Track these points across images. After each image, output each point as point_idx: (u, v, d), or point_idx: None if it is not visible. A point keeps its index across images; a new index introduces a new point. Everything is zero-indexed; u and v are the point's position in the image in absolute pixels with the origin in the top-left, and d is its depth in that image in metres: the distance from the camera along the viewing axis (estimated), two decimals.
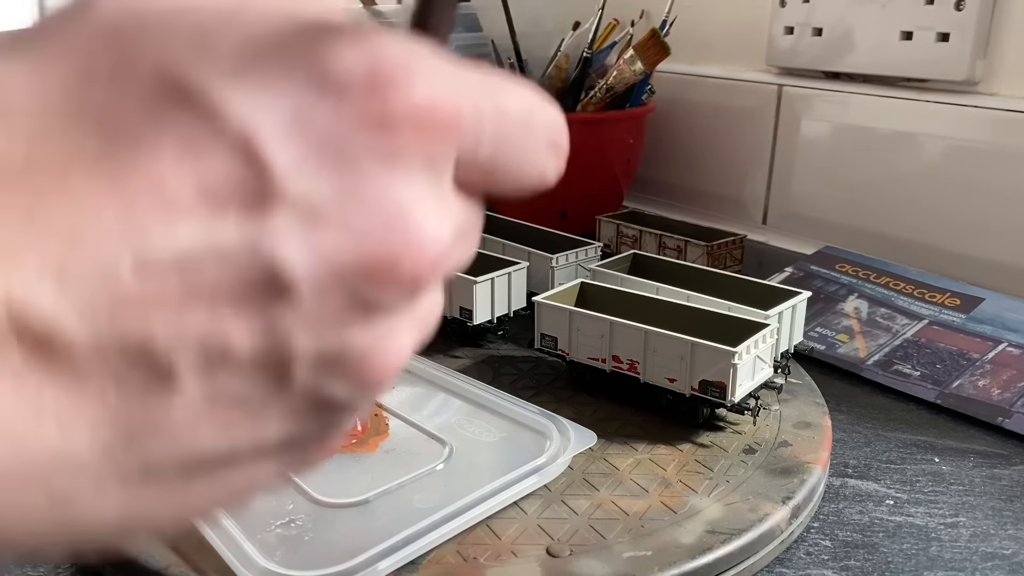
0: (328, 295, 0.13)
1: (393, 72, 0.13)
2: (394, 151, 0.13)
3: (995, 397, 0.42)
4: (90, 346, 0.12)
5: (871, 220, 0.64)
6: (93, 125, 0.12)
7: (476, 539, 0.29)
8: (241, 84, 0.12)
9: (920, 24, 0.59)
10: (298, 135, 0.12)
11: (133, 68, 0.12)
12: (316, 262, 0.13)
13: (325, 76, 0.13)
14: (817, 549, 0.32)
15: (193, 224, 0.12)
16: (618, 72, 0.66)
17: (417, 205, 0.13)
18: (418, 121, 0.13)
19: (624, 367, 0.38)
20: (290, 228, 0.12)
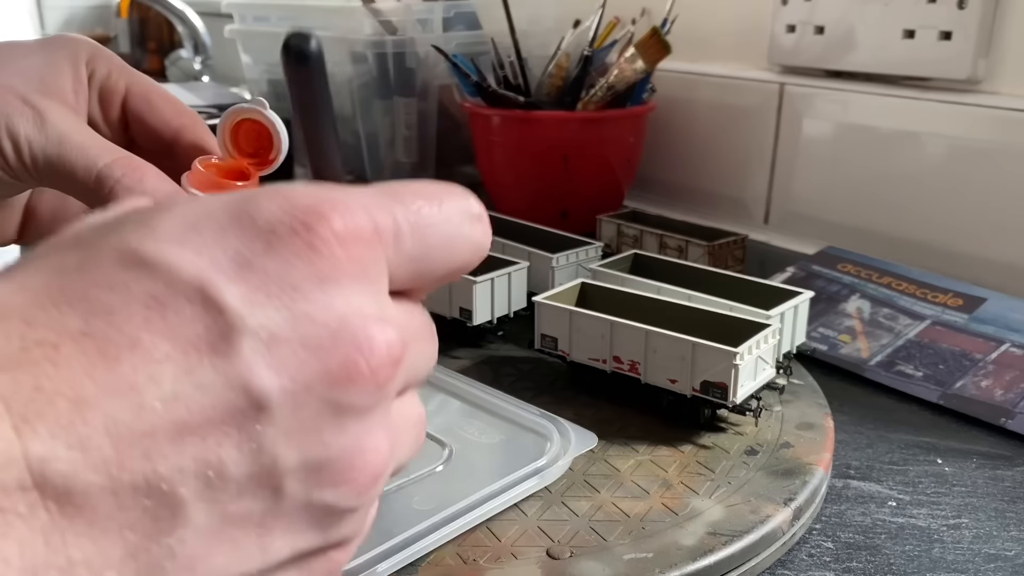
0: (301, 406, 0.15)
1: (311, 211, 0.15)
2: (327, 272, 0.15)
3: (998, 398, 0.42)
4: (105, 492, 0.13)
5: (873, 220, 0.64)
6: (70, 307, 0.14)
7: (476, 541, 0.29)
8: (185, 245, 0.15)
9: (922, 23, 0.58)
10: (243, 275, 0.15)
11: (95, 257, 0.15)
12: (284, 378, 0.14)
13: (255, 225, 0.15)
14: (819, 551, 0.32)
15: (171, 369, 0.14)
16: (619, 71, 0.66)
17: (358, 315, 0.15)
18: (340, 241, 0.15)
19: (625, 368, 0.38)
20: (254, 355, 0.14)
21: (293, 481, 0.15)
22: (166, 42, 1.40)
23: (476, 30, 0.79)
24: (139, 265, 0.14)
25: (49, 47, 0.30)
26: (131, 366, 0.13)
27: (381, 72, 0.78)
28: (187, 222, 0.15)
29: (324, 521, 0.16)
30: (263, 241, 0.15)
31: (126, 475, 0.13)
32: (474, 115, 0.71)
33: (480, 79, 0.69)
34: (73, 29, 1.47)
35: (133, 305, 0.14)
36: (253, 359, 0.14)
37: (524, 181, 0.71)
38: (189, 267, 0.14)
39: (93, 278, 0.14)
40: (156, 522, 0.13)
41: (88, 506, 0.13)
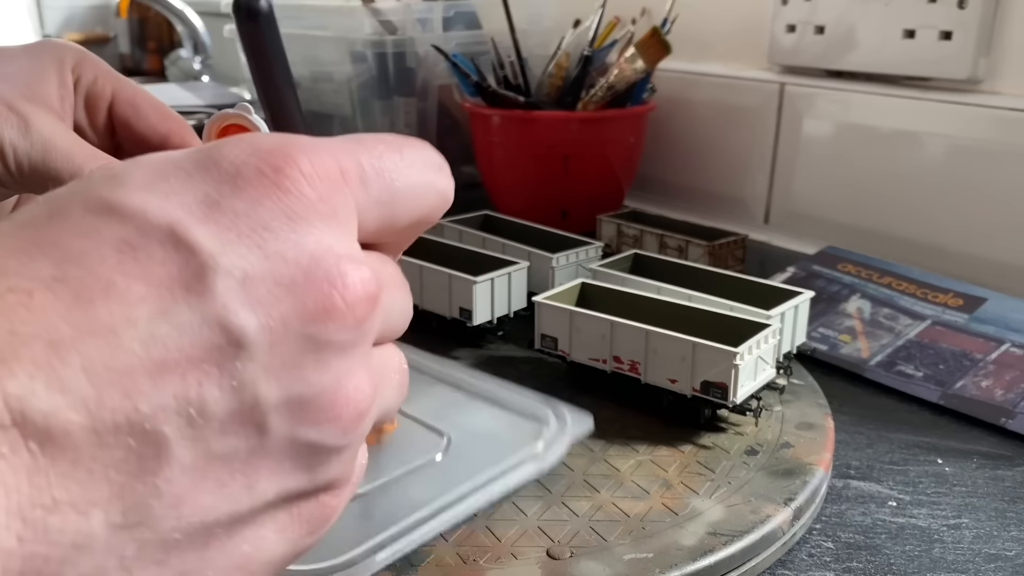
0: (280, 342, 0.15)
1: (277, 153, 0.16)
2: (297, 210, 0.15)
3: (998, 398, 0.42)
4: (86, 431, 0.13)
5: (874, 219, 0.64)
6: (42, 254, 0.14)
7: (476, 540, 0.29)
8: (153, 191, 0.15)
9: (923, 22, 0.58)
10: (212, 216, 0.15)
11: (65, 207, 0.15)
12: (260, 314, 0.15)
13: (221, 169, 0.15)
14: (819, 551, 0.32)
15: (147, 308, 0.14)
16: (619, 70, 0.65)
17: (329, 252, 0.15)
18: (308, 180, 0.16)
19: (625, 368, 0.38)
20: (229, 292, 0.14)
21: (276, 418, 0.15)
22: (166, 42, 1.40)
23: (476, 30, 0.79)
24: (109, 212, 0.14)
25: (35, 52, 0.30)
26: (106, 308, 0.13)
27: (381, 72, 0.78)
28: (154, 171, 0.15)
29: (310, 460, 0.16)
30: (230, 183, 0.15)
31: (107, 414, 0.13)
32: (474, 115, 0.71)
33: (480, 79, 0.69)
34: (73, 29, 1.47)
35: (105, 249, 0.14)
36: (228, 297, 0.14)
37: (524, 181, 0.71)
38: (158, 211, 0.14)
39: (64, 226, 0.14)
40: (140, 461, 0.13)
41: (70, 445, 0.13)
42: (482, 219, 0.57)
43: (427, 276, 0.46)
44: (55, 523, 0.13)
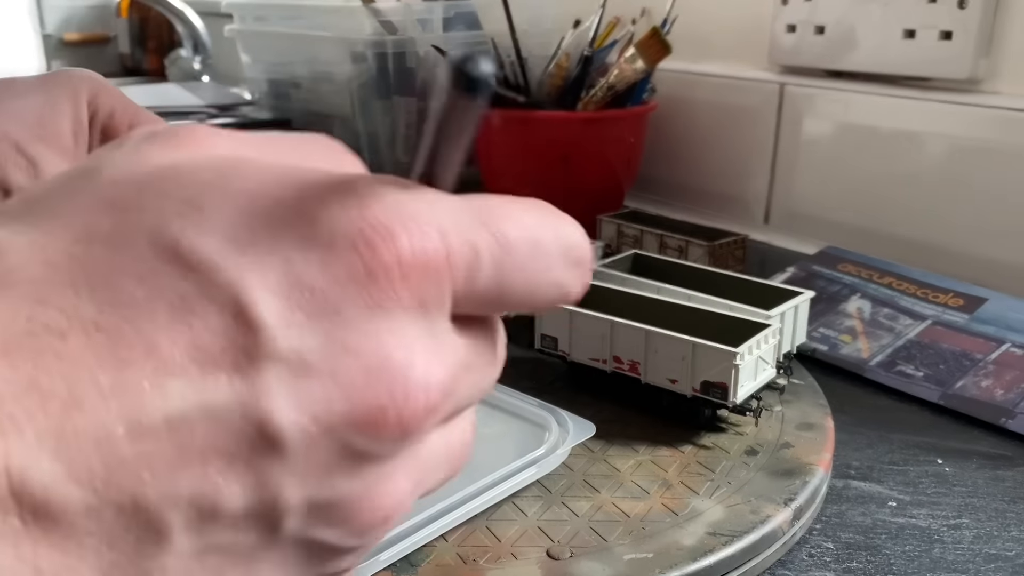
0: (317, 448, 0.13)
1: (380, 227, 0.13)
2: (380, 301, 0.13)
3: (998, 398, 0.42)
4: (85, 509, 0.12)
5: (874, 219, 0.64)
6: (90, 290, 0.12)
7: (476, 541, 0.29)
8: (232, 245, 0.13)
9: (923, 22, 0.58)
10: (287, 292, 0.13)
11: (129, 233, 0.13)
12: (305, 416, 0.13)
13: (314, 235, 0.13)
14: (819, 551, 0.32)
15: (185, 385, 0.12)
16: (619, 70, 0.65)
17: (403, 353, 0.13)
18: (403, 269, 0.13)
19: (625, 368, 0.38)
20: (279, 384, 0.13)
21: (293, 520, 0.14)
22: (166, 42, 1.40)
23: (476, 30, 0.79)
24: (176, 257, 0.13)
25: (49, 85, 0.29)
26: (140, 373, 0.12)
27: (381, 72, 0.78)
28: (241, 213, 0.13)
29: (320, 557, 0.15)
30: (319, 257, 0.13)
31: (112, 494, 0.12)
32: None
33: None
34: (72, 29, 1.47)
35: (158, 303, 0.12)
36: (276, 387, 0.13)
37: (524, 181, 0.71)
38: (231, 271, 0.13)
39: (121, 261, 0.13)
40: (137, 544, 0.12)
41: (66, 520, 0.12)
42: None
43: None
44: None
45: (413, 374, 0.14)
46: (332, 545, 0.15)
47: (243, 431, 0.13)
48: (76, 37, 1.45)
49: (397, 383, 0.13)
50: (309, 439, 0.13)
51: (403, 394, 0.13)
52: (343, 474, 0.14)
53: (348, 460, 0.14)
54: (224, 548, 0.13)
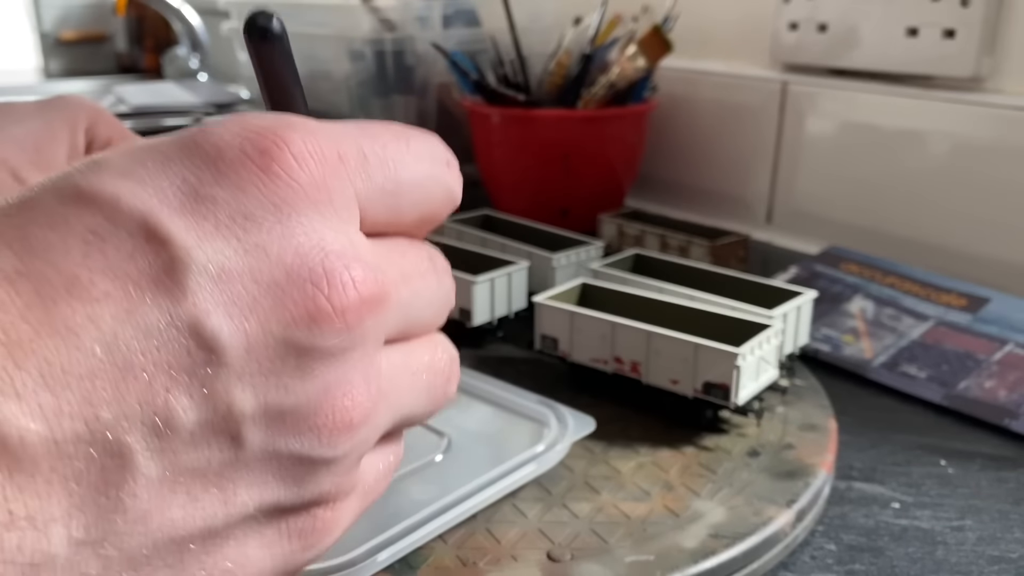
0: (257, 349, 0.13)
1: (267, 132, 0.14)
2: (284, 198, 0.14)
3: (1002, 399, 0.42)
4: (44, 440, 0.12)
5: (877, 219, 0.63)
6: (7, 246, 0.13)
7: (476, 543, 0.29)
8: (128, 176, 0.14)
9: (926, 20, 0.58)
10: (189, 206, 0.14)
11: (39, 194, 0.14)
12: (235, 319, 0.13)
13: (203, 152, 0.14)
14: (822, 553, 0.32)
15: (112, 309, 0.13)
16: (620, 68, 0.65)
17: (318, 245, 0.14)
18: (300, 163, 0.14)
19: (626, 368, 0.38)
20: (203, 293, 0.13)
21: (253, 429, 0.14)
22: (163, 40, 1.40)
23: (476, 27, 0.79)
24: (79, 199, 0.13)
25: (47, 111, 0.29)
26: (68, 306, 0.12)
27: (380, 70, 0.77)
28: (133, 156, 0.14)
29: (295, 472, 0.15)
30: (211, 167, 0.14)
31: (66, 421, 0.12)
32: (474, 113, 0.71)
33: (480, 77, 0.68)
34: (70, 27, 1.46)
35: (71, 240, 0.13)
36: (201, 296, 0.13)
37: (524, 180, 0.70)
38: (130, 198, 0.13)
39: (33, 216, 0.13)
40: (103, 473, 0.12)
41: (27, 456, 0.12)
42: (482, 218, 0.57)
43: None
44: (11, 540, 0.12)
45: (333, 263, 0.14)
46: (304, 456, 0.15)
47: (178, 343, 0.13)
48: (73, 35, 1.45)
49: (319, 273, 0.14)
50: (246, 341, 0.13)
51: (328, 283, 0.14)
52: (293, 374, 0.14)
53: (294, 359, 0.14)
54: (193, 469, 0.13)
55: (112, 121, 0.31)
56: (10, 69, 1.42)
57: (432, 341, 0.18)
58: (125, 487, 0.13)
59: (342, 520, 0.17)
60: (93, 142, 0.30)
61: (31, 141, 0.28)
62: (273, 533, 0.15)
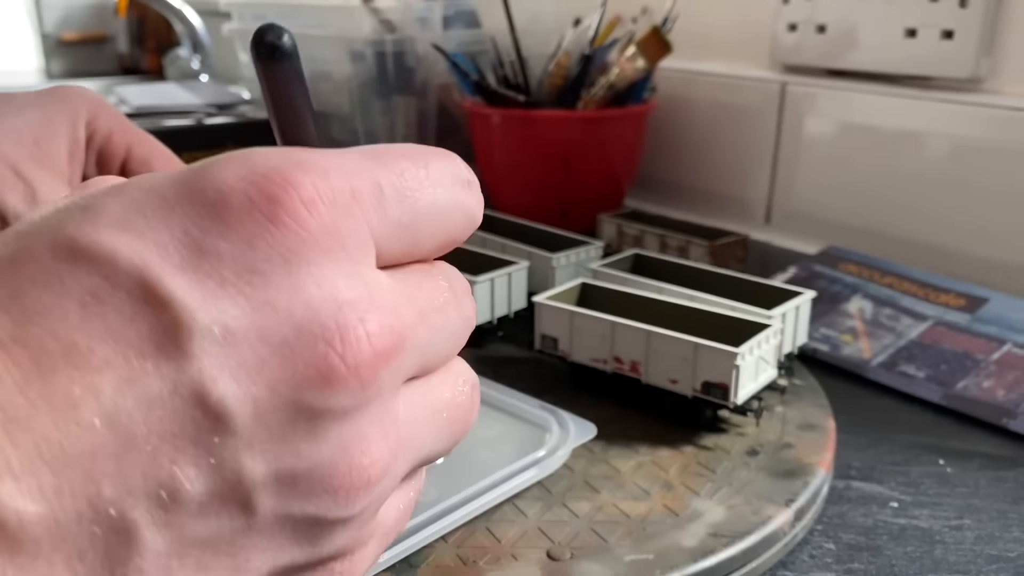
0: (267, 414, 0.13)
1: (273, 175, 0.13)
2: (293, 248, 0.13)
3: (1000, 398, 0.42)
4: (44, 523, 0.11)
5: (875, 219, 0.64)
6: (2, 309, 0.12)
7: (475, 542, 0.29)
8: (126, 229, 0.13)
9: (924, 21, 0.58)
10: (193, 263, 0.13)
11: (31, 248, 0.13)
12: (243, 384, 0.13)
13: (205, 198, 0.13)
14: (821, 552, 0.32)
15: (113, 379, 0.12)
16: (620, 69, 0.65)
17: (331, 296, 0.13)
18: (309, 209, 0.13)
19: (626, 368, 0.38)
20: (208, 358, 0.12)
21: (264, 495, 0.13)
22: (164, 41, 1.40)
23: (476, 29, 0.79)
24: (75, 255, 0.12)
25: (48, 102, 0.28)
26: (67, 377, 0.12)
27: (380, 71, 0.77)
28: (132, 201, 0.13)
29: (310, 534, 0.14)
30: (215, 217, 0.13)
31: (67, 501, 0.12)
32: (474, 114, 0.71)
33: (480, 78, 0.69)
34: (71, 28, 1.46)
35: (68, 303, 0.12)
36: (206, 361, 0.12)
37: (524, 180, 0.70)
38: (129, 255, 0.12)
39: (28, 273, 0.12)
40: (108, 550, 0.12)
41: (28, 538, 0.11)
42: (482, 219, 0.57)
43: None
44: None
45: (347, 317, 0.13)
46: (319, 518, 0.14)
47: (184, 412, 0.12)
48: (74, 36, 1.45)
49: (329, 328, 0.13)
50: (254, 407, 0.13)
51: (342, 339, 0.13)
52: (305, 438, 0.13)
53: (306, 423, 0.13)
54: (202, 540, 0.13)
55: (114, 113, 0.30)
56: (11, 70, 1.42)
57: (452, 373, 0.17)
58: (131, 563, 0.12)
59: (360, 567, 0.16)
60: (94, 135, 0.29)
61: (30, 134, 0.27)
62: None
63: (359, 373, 0.13)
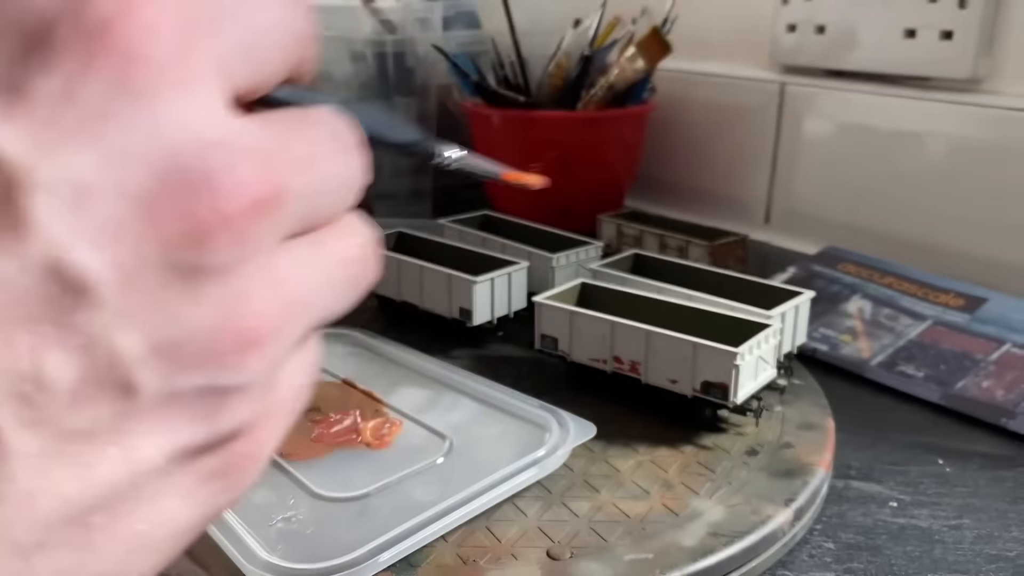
0: (134, 279, 0.11)
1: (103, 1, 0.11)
2: (143, 82, 0.11)
3: (999, 398, 0.42)
4: None
5: (874, 219, 0.64)
6: None
7: (476, 541, 0.29)
8: None
9: (923, 22, 0.58)
10: (19, 106, 0.10)
11: None
12: (104, 247, 0.11)
13: (23, 26, 0.11)
14: (820, 551, 0.32)
15: None
16: (619, 70, 0.65)
17: (195, 136, 0.11)
18: (152, 30, 0.11)
19: (625, 368, 0.38)
20: (58, 221, 0.10)
21: (145, 372, 0.12)
22: None
23: (476, 29, 0.79)
24: None
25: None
26: None
27: (380, 71, 0.77)
28: None
29: (204, 408, 0.13)
30: (40, 50, 0.10)
31: None
32: (474, 115, 0.71)
33: (480, 79, 0.69)
34: None
35: None
36: (56, 227, 0.10)
37: None
38: None
39: None
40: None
41: None
42: (482, 219, 0.57)
43: (427, 276, 0.46)
44: None
45: (212, 159, 0.11)
46: (211, 388, 0.12)
47: (37, 291, 0.11)
48: None
49: (196, 176, 0.11)
50: (120, 273, 0.11)
51: (208, 186, 0.11)
52: (182, 302, 0.12)
53: (181, 285, 0.11)
54: (81, 433, 0.11)
55: None
56: None
57: (341, 227, 0.15)
58: (2, 474, 0.11)
59: (264, 450, 0.15)
60: None
61: None
62: (189, 480, 0.13)
63: (234, 225, 0.12)
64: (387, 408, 0.38)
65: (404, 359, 0.43)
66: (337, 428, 0.36)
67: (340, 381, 0.41)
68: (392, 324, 0.49)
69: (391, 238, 0.51)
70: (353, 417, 0.37)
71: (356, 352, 0.44)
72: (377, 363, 0.43)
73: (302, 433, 0.35)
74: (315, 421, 0.36)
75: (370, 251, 0.15)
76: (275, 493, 0.31)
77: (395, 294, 0.48)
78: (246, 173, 0.12)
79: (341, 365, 0.42)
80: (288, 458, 0.33)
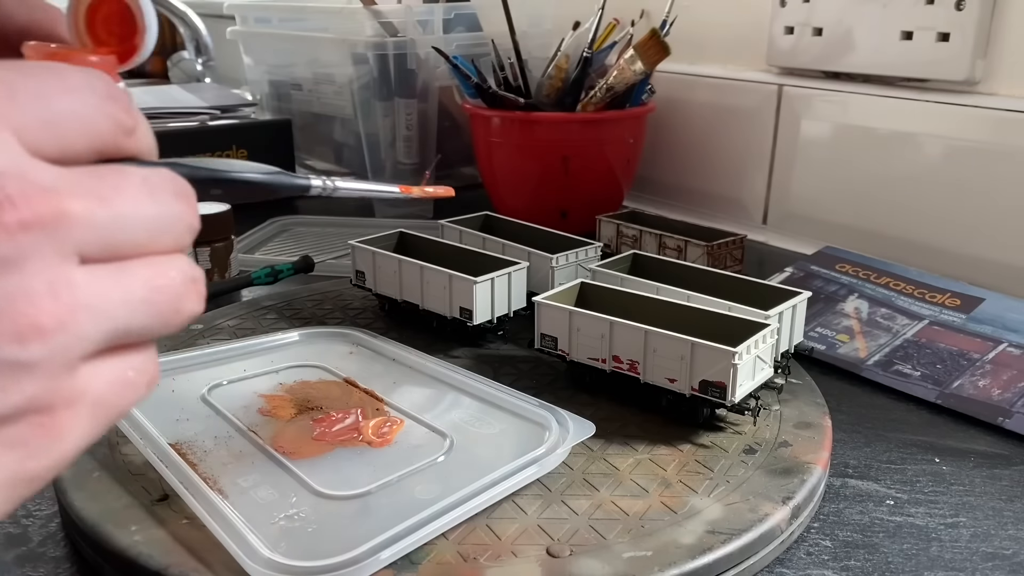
0: None
1: None
2: None
3: (995, 397, 0.42)
4: None
5: (871, 220, 0.64)
6: None
7: (476, 539, 0.30)
8: None
9: (920, 24, 0.59)
10: None
11: None
12: None
13: None
14: (817, 549, 0.32)
15: None
16: (618, 72, 0.66)
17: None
18: None
19: (624, 367, 0.38)
20: None
21: None
22: (168, 43, 1.40)
23: (476, 31, 0.79)
24: None
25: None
26: None
27: (382, 73, 0.78)
28: None
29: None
30: None
31: None
32: (474, 116, 0.71)
33: (480, 80, 0.69)
34: None
35: None
36: None
37: (524, 182, 0.71)
38: None
39: None
40: None
41: None
42: (482, 219, 0.57)
43: (427, 276, 0.46)
44: None
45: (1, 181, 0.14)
46: None
47: None
48: None
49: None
50: None
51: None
52: None
53: None
54: None
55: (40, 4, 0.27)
56: None
57: (155, 261, 0.17)
58: None
59: (71, 428, 0.16)
60: None
61: None
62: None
63: (11, 231, 0.14)
64: (388, 407, 0.38)
65: (405, 358, 0.43)
66: (339, 427, 0.36)
67: (342, 380, 0.41)
68: (393, 324, 0.49)
69: (392, 238, 0.51)
70: (354, 416, 0.37)
71: (357, 351, 0.44)
72: (378, 362, 0.43)
73: (304, 432, 0.36)
74: (317, 420, 0.37)
75: (190, 286, 0.18)
76: (277, 491, 0.31)
77: (396, 294, 0.48)
78: (28, 192, 0.14)
79: (343, 364, 0.43)
80: (290, 456, 0.33)
